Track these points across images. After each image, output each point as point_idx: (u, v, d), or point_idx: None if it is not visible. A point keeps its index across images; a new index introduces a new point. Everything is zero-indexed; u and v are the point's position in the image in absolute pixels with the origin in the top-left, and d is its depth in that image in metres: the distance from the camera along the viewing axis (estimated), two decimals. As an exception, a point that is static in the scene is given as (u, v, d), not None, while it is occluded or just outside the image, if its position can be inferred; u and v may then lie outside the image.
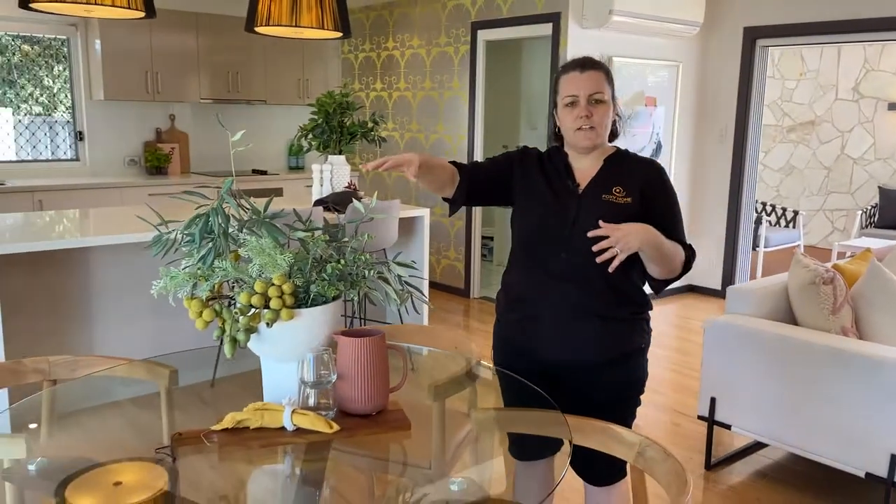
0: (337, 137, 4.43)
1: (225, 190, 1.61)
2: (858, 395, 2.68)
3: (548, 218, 1.98)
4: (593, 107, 1.92)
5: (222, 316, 1.69)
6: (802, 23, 5.49)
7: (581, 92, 1.92)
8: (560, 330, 1.96)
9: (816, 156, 8.70)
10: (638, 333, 2.03)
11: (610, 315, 1.96)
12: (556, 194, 1.99)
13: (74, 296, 3.68)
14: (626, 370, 2.02)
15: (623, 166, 2.00)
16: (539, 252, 1.99)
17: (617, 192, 1.94)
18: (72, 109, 6.24)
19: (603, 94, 1.93)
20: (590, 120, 1.92)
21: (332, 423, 1.64)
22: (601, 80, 1.94)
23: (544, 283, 1.97)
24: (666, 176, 2.02)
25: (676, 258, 1.92)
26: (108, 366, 2.16)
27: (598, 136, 1.95)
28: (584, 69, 1.94)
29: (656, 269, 1.92)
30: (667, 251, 1.88)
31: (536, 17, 5.40)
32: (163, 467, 1.51)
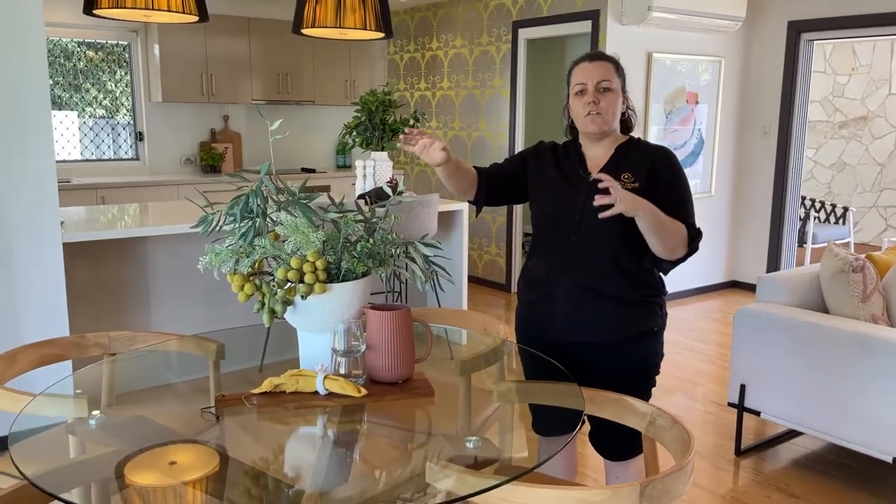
0: (379, 134, 4.58)
1: (263, 173, 1.77)
2: (887, 381, 2.70)
3: (559, 204, 2.09)
4: (601, 94, 2.02)
5: (262, 290, 1.85)
6: (848, 16, 5.42)
7: (589, 80, 2.03)
8: (572, 310, 2.07)
9: (869, 152, 8.52)
10: (650, 316, 2.11)
11: (620, 297, 2.05)
12: (567, 182, 2.10)
13: (133, 282, 3.93)
14: (638, 350, 2.11)
15: (633, 153, 2.09)
16: (552, 237, 2.11)
17: (625, 178, 2.03)
18: (132, 111, 6.58)
19: (611, 82, 2.03)
20: (597, 106, 2.02)
21: (360, 388, 1.78)
22: (609, 70, 2.04)
23: (558, 266, 2.09)
24: (675, 161, 2.09)
25: (676, 234, 1.98)
26: (162, 340, 2.36)
27: (605, 122, 2.04)
28: (593, 60, 2.06)
29: (656, 244, 1.98)
30: (664, 223, 1.94)
31: (576, 15, 5.48)
32: (215, 449, 1.63)
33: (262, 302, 1.85)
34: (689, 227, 2.03)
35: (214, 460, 1.60)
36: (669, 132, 5.78)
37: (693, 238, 2.03)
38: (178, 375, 2.43)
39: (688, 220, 2.04)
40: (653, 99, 5.60)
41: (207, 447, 1.65)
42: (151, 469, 1.53)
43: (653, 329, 2.13)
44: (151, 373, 2.30)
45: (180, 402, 2.19)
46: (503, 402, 2.08)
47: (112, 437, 1.79)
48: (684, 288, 6.14)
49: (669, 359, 4.56)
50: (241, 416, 1.77)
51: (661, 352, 2.20)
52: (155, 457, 1.58)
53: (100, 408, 1.96)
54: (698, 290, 6.26)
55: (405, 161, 7.37)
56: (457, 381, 2.16)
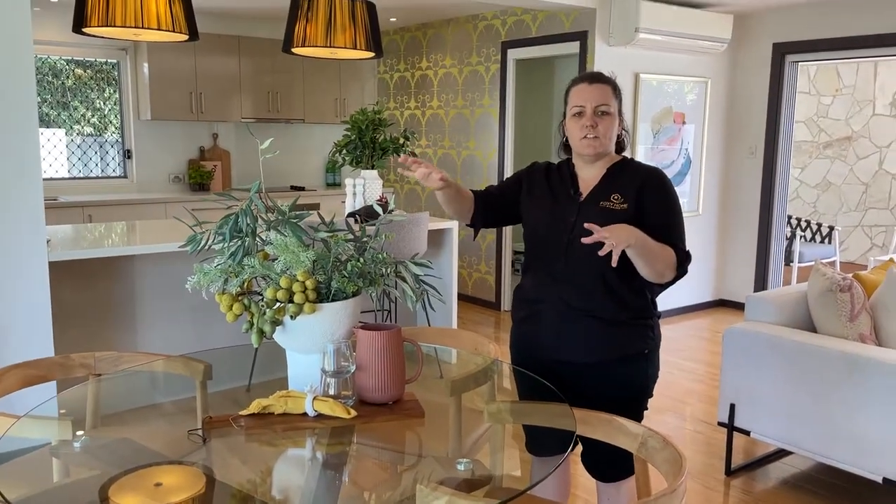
0: (369, 153, 4.59)
1: (253, 192, 1.76)
2: (875, 400, 2.70)
3: (550, 224, 2.10)
4: (599, 118, 2.03)
5: (250, 310, 1.83)
6: (832, 38, 5.51)
7: (588, 103, 2.04)
8: (560, 329, 2.08)
9: (854, 171, 8.61)
10: (640, 338, 2.10)
11: (608, 318, 2.05)
12: (558, 202, 2.12)
13: (120, 301, 3.89)
14: (628, 372, 2.10)
15: (624, 174, 2.09)
16: (543, 256, 2.12)
17: (615, 198, 2.04)
18: (121, 129, 6.56)
19: (609, 106, 2.04)
20: (595, 130, 2.03)
21: (349, 410, 1.76)
22: (608, 93, 2.05)
23: (548, 285, 2.09)
24: (666, 183, 2.09)
25: (664, 259, 1.98)
26: (148, 360, 2.33)
27: (602, 145, 2.05)
28: (593, 82, 2.06)
29: (644, 269, 1.98)
30: (652, 249, 1.95)
31: (564, 36, 5.53)
32: (201, 470, 1.61)
33: (251, 322, 1.83)
34: (679, 251, 2.03)
35: (200, 482, 1.58)
36: (657, 152, 5.82)
37: (682, 262, 2.03)
38: (164, 396, 2.40)
39: (677, 243, 2.04)
40: (640, 118, 5.64)
41: (193, 468, 1.62)
42: (136, 491, 1.50)
43: (643, 351, 2.12)
44: (137, 393, 2.27)
45: (166, 423, 2.16)
46: (494, 422, 2.07)
47: (96, 459, 1.76)
48: (673, 307, 6.16)
49: (659, 378, 4.55)
50: (228, 438, 1.75)
51: (654, 374, 2.19)
52: (140, 478, 1.55)
53: (84, 429, 1.94)
54: (687, 308, 6.28)
55: (395, 179, 7.37)
56: (447, 402, 2.15)
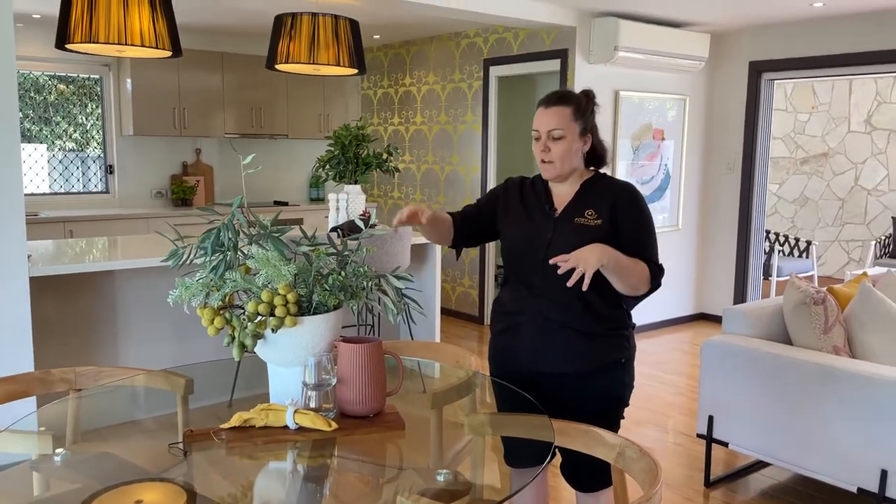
0: (353, 168, 4.62)
1: (235, 207, 1.78)
2: (848, 411, 2.75)
3: (526, 240, 2.13)
4: (552, 143, 2.07)
5: (232, 323, 1.85)
6: (807, 56, 5.63)
7: (541, 128, 2.08)
8: (538, 341, 2.12)
9: (830, 187, 8.76)
10: (616, 348, 2.14)
11: (585, 329, 2.09)
12: (534, 218, 2.15)
13: (101, 317, 3.88)
14: (605, 382, 2.14)
15: (597, 190, 2.13)
16: (520, 271, 2.16)
17: (589, 214, 2.08)
18: (103, 145, 6.55)
19: (562, 130, 2.06)
20: (548, 154, 2.07)
21: (331, 422, 1.78)
22: (565, 116, 2.06)
23: (525, 298, 2.13)
24: (637, 198, 2.12)
25: (637, 274, 2.02)
26: (129, 375, 2.33)
27: (556, 169, 2.09)
28: (549, 105, 2.09)
29: (618, 284, 2.02)
30: (625, 266, 1.98)
31: (545, 54, 5.61)
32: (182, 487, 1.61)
33: (232, 335, 1.84)
34: (652, 265, 2.07)
35: (182, 499, 1.58)
36: (637, 167, 5.90)
37: (655, 276, 2.07)
38: (145, 412, 2.39)
39: (650, 258, 2.08)
40: (620, 135, 5.72)
41: (174, 486, 1.62)
42: (116, 509, 1.51)
43: (619, 360, 2.16)
44: (118, 409, 2.27)
45: (147, 438, 2.16)
46: (475, 434, 2.09)
47: (77, 473, 1.76)
48: (653, 320, 6.22)
49: (640, 391, 4.60)
50: (209, 452, 1.75)
51: (630, 383, 2.23)
52: (121, 495, 1.55)
53: (65, 445, 1.93)
54: (667, 322, 6.34)
55: (378, 194, 7.41)
56: (428, 414, 2.17)
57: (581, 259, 1.88)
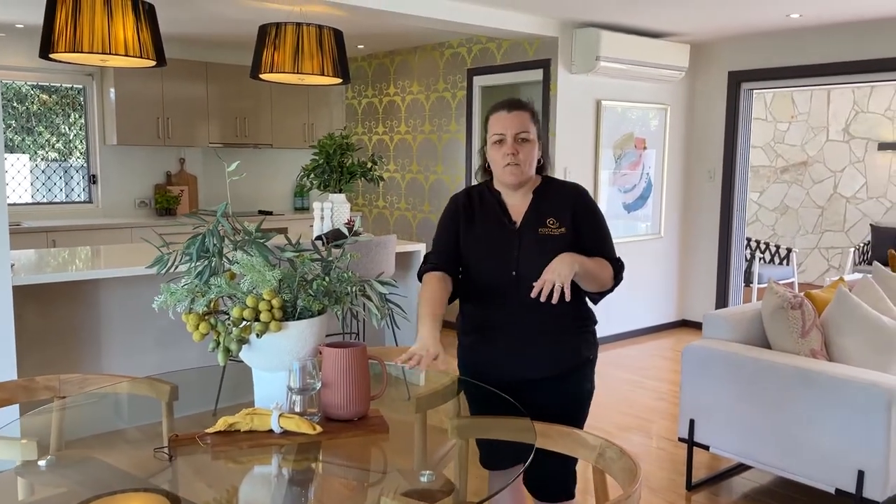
0: (337, 177, 4.64)
1: (219, 213, 1.80)
2: (826, 413, 2.81)
3: (493, 256, 2.14)
4: (519, 145, 2.08)
5: (217, 329, 1.86)
6: (785, 66, 5.73)
7: (508, 131, 2.08)
8: (515, 351, 2.15)
9: (810, 195, 8.89)
10: (585, 346, 2.20)
11: (560, 332, 2.14)
12: (496, 235, 2.15)
13: (85, 326, 3.86)
14: (577, 381, 2.19)
15: (551, 196, 2.16)
16: (490, 288, 2.15)
17: (551, 223, 2.11)
18: (86, 154, 6.53)
19: (529, 133, 2.09)
20: (516, 157, 2.07)
21: (315, 426, 1.80)
22: (527, 120, 2.10)
23: (498, 312, 2.15)
24: (590, 198, 2.20)
25: (604, 273, 2.10)
26: (114, 382, 2.33)
27: (523, 172, 2.10)
28: (511, 109, 2.11)
29: (588, 286, 2.09)
30: (592, 269, 2.04)
31: (528, 64, 5.67)
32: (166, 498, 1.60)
33: (217, 341, 1.86)
34: (613, 262, 2.14)
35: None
36: (619, 176, 5.97)
37: (618, 271, 2.15)
38: (129, 421, 2.40)
39: (611, 254, 2.16)
40: (603, 144, 5.79)
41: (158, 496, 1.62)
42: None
43: (588, 358, 2.22)
44: (102, 419, 2.27)
45: (132, 447, 2.16)
46: (458, 437, 2.11)
47: (62, 479, 1.76)
48: (636, 327, 6.27)
49: (623, 397, 4.65)
50: (194, 456, 1.76)
51: (594, 380, 2.28)
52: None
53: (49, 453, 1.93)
54: (650, 329, 6.40)
55: (363, 203, 7.43)
56: (412, 418, 2.19)
57: (555, 272, 1.93)
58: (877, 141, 8.29)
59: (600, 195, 5.80)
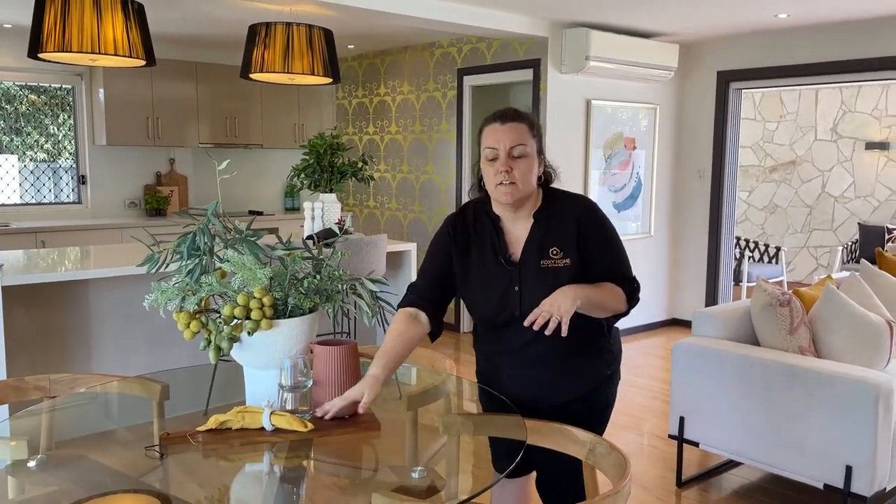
0: (328, 177, 4.64)
1: (210, 211, 1.80)
2: (814, 409, 2.83)
3: (494, 299, 1.96)
4: (514, 161, 1.86)
5: (208, 327, 1.87)
6: (773, 66, 5.77)
7: (501, 145, 1.87)
8: (519, 379, 2.04)
9: (799, 194, 8.94)
10: (601, 365, 2.06)
11: (571, 358, 2.00)
12: (493, 271, 1.96)
13: (74, 327, 3.85)
14: (597, 398, 2.08)
15: (554, 219, 1.95)
16: (494, 328, 2.03)
17: (554, 253, 1.91)
18: (75, 155, 6.50)
19: (525, 146, 1.87)
20: (510, 175, 1.85)
21: (306, 423, 1.80)
22: (524, 133, 1.89)
23: (505, 350, 2.04)
24: (596, 214, 1.97)
25: (612, 300, 1.92)
26: (104, 382, 2.33)
27: (519, 191, 1.88)
28: (505, 121, 1.90)
29: (596, 314, 1.93)
30: (599, 299, 1.88)
31: (518, 64, 5.69)
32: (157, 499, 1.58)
33: (208, 339, 1.86)
34: (627, 282, 1.95)
35: None
36: (609, 175, 6.00)
37: (632, 294, 1.96)
38: (120, 422, 2.39)
39: (625, 275, 1.96)
40: (592, 144, 5.81)
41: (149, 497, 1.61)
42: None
43: (606, 375, 2.08)
44: (93, 419, 2.26)
45: (123, 447, 2.15)
46: (449, 434, 2.12)
47: (52, 477, 1.76)
48: (627, 326, 6.29)
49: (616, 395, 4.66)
50: (185, 455, 1.76)
51: (615, 390, 2.15)
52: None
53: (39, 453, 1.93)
54: (641, 328, 6.43)
55: (354, 203, 7.43)
56: (404, 416, 2.20)
57: (554, 305, 1.77)
58: (864, 140, 8.36)
59: (590, 195, 5.83)
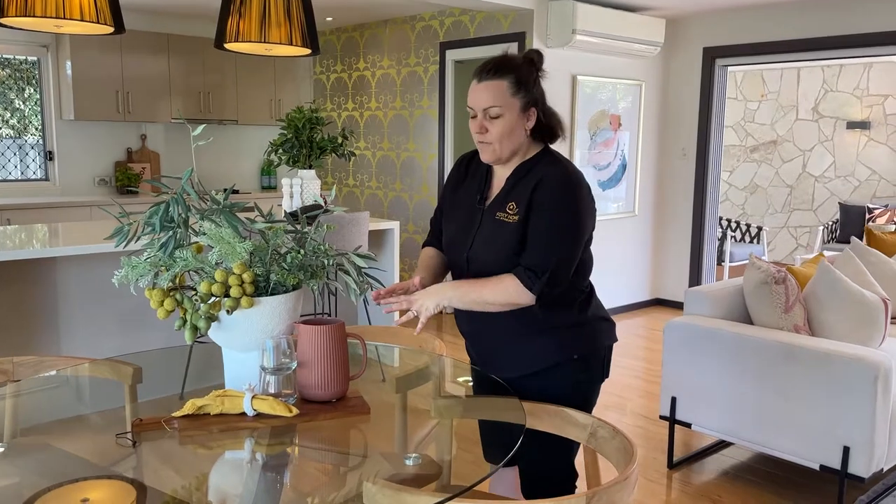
0: (307, 152, 4.48)
1: (185, 179, 1.66)
2: (810, 389, 2.77)
3: (456, 235, 1.97)
4: (489, 121, 1.81)
5: (183, 305, 1.73)
6: (759, 42, 5.69)
7: (476, 105, 1.83)
8: (472, 346, 2.06)
9: (779, 174, 8.94)
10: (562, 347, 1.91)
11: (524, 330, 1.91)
12: (467, 211, 1.96)
13: (41, 308, 3.68)
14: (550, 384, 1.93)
15: (528, 176, 1.86)
16: (452, 269, 2.01)
17: (510, 208, 1.86)
18: (42, 130, 6.25)
19: (500, 107, 1.79)
20: (485, 135, 1.83)
21: (291, 408, 1.68)
22: (500, 92, 1.79)
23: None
24: (554, 190, 1.81)
25: (499, 296, 1.81)
26: (72, 364, 2.19)
27: (495, 151, 1.84)
28: (482, 79, 1.81)
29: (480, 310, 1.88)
30: (475, 298, 1.83)
31: (502, 37, 5.54)
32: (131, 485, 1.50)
33: (184, 318, 1.73)
34: (529, 274, 1.77)
35: (131, 495, 1.47)
36: (594, 154, 5.90)
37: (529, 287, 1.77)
38: (90, 407, 2.26)
39: (533, 261, 1.78)
40: (577, 120, 5.70)
41: (123, 482, 1.51)
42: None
43: (572, 357, 1.92)
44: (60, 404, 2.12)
45: (93, 432, 2.02)
46: (441, 417, 2.01)
47: (15, 468, 1.63)
48: (610, 306, 6.23)
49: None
50: (160, 442, 1.64)
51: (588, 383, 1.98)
52: (65, 494, 1.44)
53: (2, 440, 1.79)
54: (624, 308, 6.37)
55: (332, 182, 7.26)
56: (393, 399, 2.08)
57: (417, 303, 1.85)
58: (845, 120, 8.35)
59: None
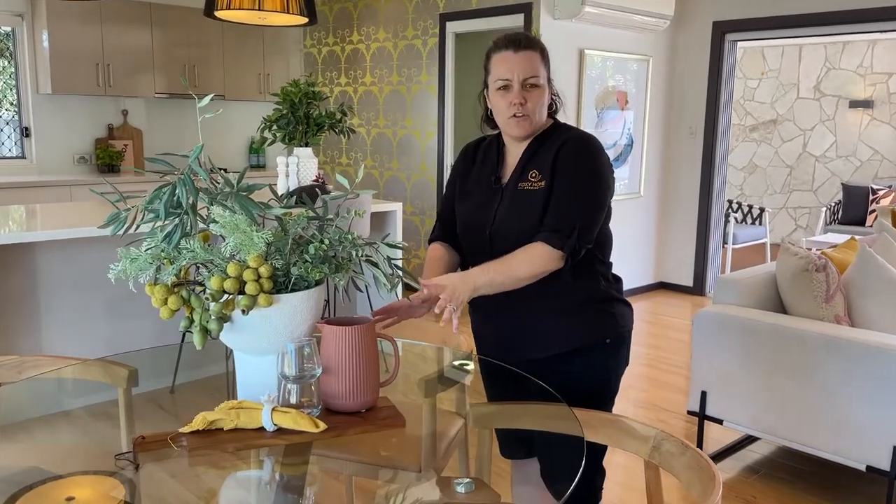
0: (303, 129, 4.22)
1: (193, 158, 1.41)
2: (856, 384, 2.59)
3: (473, 217, 1.86)
4: (528, 92, 1.75)
5: (190, 304, 1.49)
6: (770, 16, 5.47)
7: (514, 75, 1.74)
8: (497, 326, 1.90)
9: (779, 154, 8.77)
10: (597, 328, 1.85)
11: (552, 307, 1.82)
12: (484, 192, 1.86)
13: (19, 297, 3.40)
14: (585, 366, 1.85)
15: (546, 145, 1.81)
16: (470, 253, 1.89)
17: (532, 176, 1.78)
18: (17, 105, 5.90)
19: (538, 77, 1.75)
20: (524, 108, 1.74)
21: (317, 422, 1.46)
22: (536, 62, 1.76)
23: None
24: (581, 147, 1.78)
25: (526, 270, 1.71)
26: (59, 366, 1.95)
27: (532, 123, 1.78)
28: (519, 49, 1.75)
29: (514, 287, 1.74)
30: (504, 282, 1.71)
31: (507, 9, 5.27)
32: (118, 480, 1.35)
33: (191, 318, 1.49)
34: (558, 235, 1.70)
35: (118, 492, 1.32)
36: (600, 132, 5.67)
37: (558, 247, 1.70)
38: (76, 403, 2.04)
39: (561, 222, 1.71)
40: (584, 95, 5.46)
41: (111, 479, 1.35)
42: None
43: (605, 341, 1.85)
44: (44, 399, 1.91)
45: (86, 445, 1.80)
46: (481, 427, 1.80)
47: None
48: (615, 290, 6.05)
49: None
50: (166, 462, 1.41)
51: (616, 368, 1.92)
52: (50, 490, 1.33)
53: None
54: (628, 292, 6.19)
55: (325, 160, 6.98)
56: (421, 404, 1.87)
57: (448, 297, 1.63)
58: (848, 98, 8.18)
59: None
